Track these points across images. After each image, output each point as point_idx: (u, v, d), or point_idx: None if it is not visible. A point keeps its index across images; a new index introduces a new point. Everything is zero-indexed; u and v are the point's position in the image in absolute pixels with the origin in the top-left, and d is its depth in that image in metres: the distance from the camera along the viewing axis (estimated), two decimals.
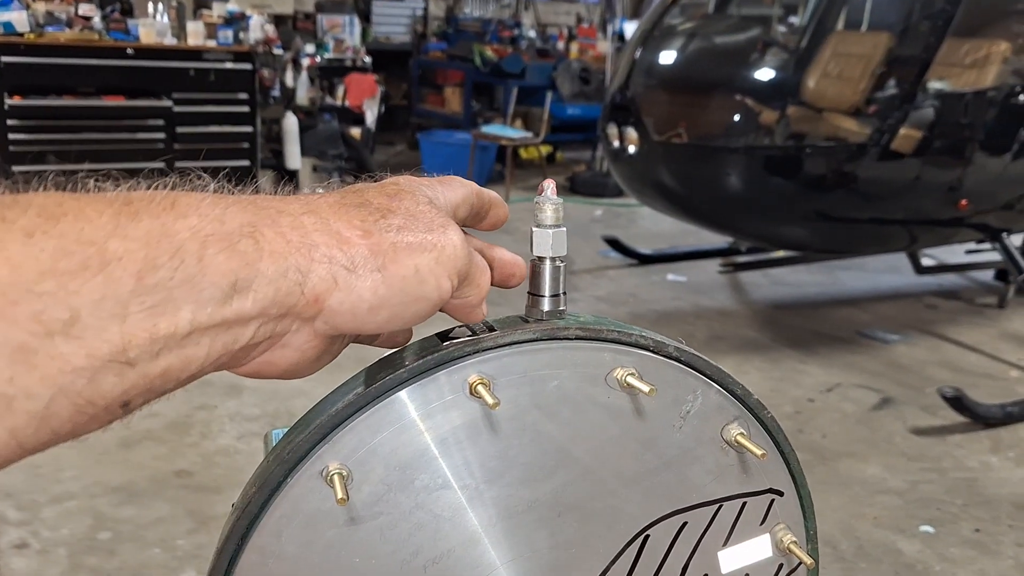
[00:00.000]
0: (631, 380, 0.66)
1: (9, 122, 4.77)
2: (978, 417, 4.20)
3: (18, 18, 4.80)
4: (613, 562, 0.71)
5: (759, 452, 0.69)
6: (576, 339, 0.69)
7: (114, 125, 5.05)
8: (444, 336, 0.69)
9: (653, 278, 6.38)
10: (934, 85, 4.58)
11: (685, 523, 0.72)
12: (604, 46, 10.05)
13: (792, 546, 0.74)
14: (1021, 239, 6.23)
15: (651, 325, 5.19)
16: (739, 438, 0.70)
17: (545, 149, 9.49)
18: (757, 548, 0.74)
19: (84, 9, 5.07)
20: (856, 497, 3.55)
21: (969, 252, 6.22)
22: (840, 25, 4.78)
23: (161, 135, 5.16)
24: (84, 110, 4.95)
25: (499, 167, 9.16)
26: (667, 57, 4.63)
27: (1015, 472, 3.83)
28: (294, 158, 5.79)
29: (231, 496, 2.62)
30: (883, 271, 6.75)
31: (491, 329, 0.69)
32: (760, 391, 3.82)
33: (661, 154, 4.54)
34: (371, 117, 6.21)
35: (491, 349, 0.65)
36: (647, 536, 0.72)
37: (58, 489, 3.26)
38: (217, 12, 5.32)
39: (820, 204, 4.64)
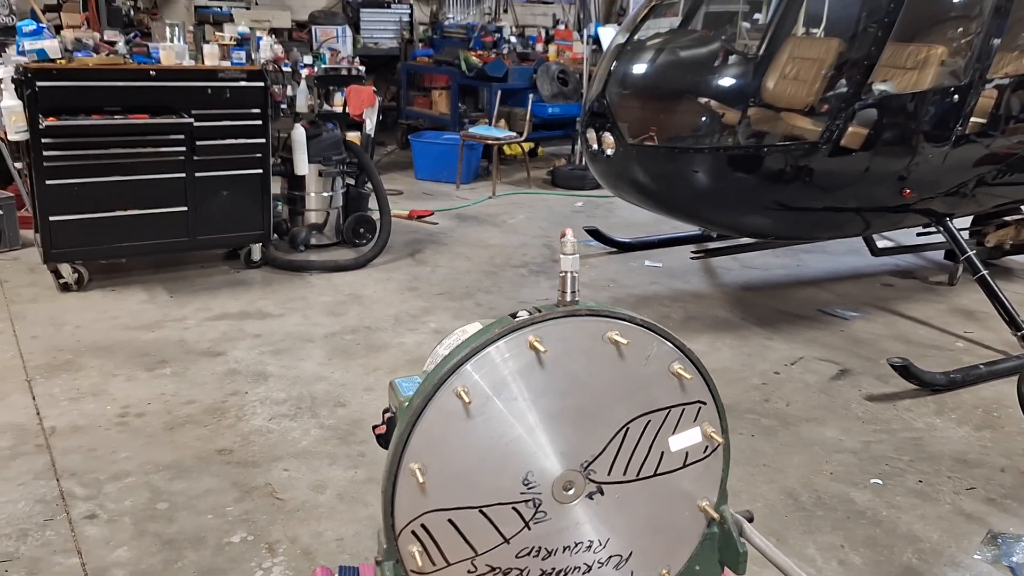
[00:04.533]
0: (616, 337, 1.18)
1: (44, 140, 5.11)
2: (924, 383, 4.54)
3: (50, 46, 5.16)
4: (609, 443, 1.24)
5: (689, 376, 1.21)
6: (586, 315, 1.22)
7: (139, 141, 5.37)
8: (513, 315, 1.21)
9: (631, 264, 6.71)
10: (879, 86, 4.88)
11: (649, 421, 1.24)
12: (580, 48, 10.45)
13: (712, 432, 1.26)
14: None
15: (631, 307, 5.60)
16: (678, 370, 1.22)
17: (528, 145, 9.83)
18: (692, 435, 1.26)
19: (109, 35, 5.47)
20: (815, 456, 3.90)
21: (920, 235, 6.59)
22: (793, 31, 5.10)
23: (182, 149, 5.50)
24: (112, 128, 5.26)
25: (485, 163, 9.54)
26: (638, 69, 5.01)
27: (956, 431, 4.18)
28: (302, 165, 6.20)
29: (269, 469, 3.21)
30: (844, 253, 7.11)
31: (539, 311, 1.22)
32: (731, 365, 4.31)
33: (635, 155, 4.87)
34: (370, 125, 6.62)
35: (540, 322, 1.18)
36: (628, 428, 1.24)
37: (115, 468, 3.56)
38: (229, 34, 5.71)
39: (779, 196, 4.93)
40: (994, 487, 3.73)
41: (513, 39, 11.21)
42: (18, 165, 5.67)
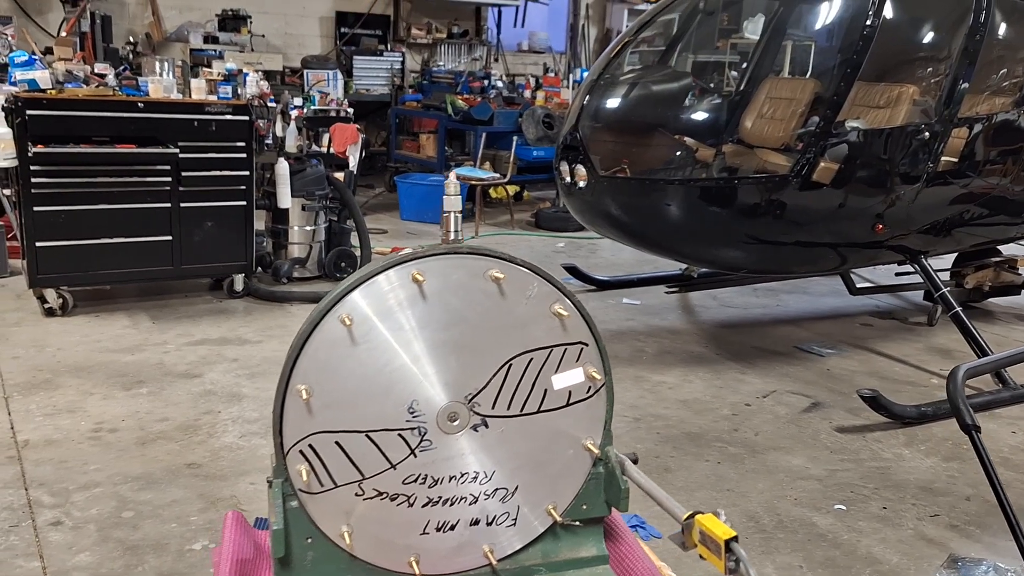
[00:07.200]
0: (496, 274, 1.26)
1: (33, 168, 5.23)
2: (894, 415, 4.57)
3: (41, 76, 5.32)
4: (492, 378, 1.30)
5: (568, 315, 1.29)
6: (468, 253, 1.29)
7: (126, 170, 5.51)
8: (399, 251, 1.30)
9: (609, 301, 6.76)
10: (850, 123, 4.97)
11: (532, 358, 1.31)
12: (567, 94, 10.61)
13: (593, 372, 1.33)
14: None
15: (606, 341, 5.65)
16: (559, 310, 1.29)
17: (513, 189, 9.93)
18: (574, 375, 1.33)
19: (99, 68, 5.63)
20: (780, 482, 3.93)
21: (898, 275, 6.66)
22: (763, 74, 5.21)
23: (168, 179, 5.63)
24: (99, 157, 5.39)
25: (470, 205, 9.67)
26: (611, 103, 5.13)
27: (924, 461, 4.22)
28: (285, 199, 6.32)
29: (236, 483, 3.26)
30: (824, 294, 7.16)
31: (423, 248, 1.30)
32: (702, 397, 4.32)
33: (607, 187, 4.95)
34: (353, 162, 6.76)
35: (422, 257, 1.26)
36: (511, 365, 1.30)
37: (84, 479, 3.62)
38: (217, 70, 5.88)
39: (749, 229, 4.98)
40: (958, 514, 3.76)
41: (500, 84, 11.41)
42: (6, 192, 5.77)
